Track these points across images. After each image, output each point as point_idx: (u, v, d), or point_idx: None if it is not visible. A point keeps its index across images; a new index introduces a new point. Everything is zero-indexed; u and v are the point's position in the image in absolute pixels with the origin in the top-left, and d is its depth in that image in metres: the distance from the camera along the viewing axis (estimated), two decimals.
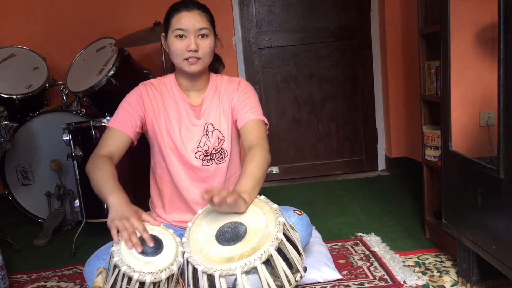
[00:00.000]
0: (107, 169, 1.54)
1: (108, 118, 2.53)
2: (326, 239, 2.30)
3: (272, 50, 3.61)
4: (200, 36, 1.63)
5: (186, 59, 1.63)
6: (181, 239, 1.41)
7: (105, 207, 2.43)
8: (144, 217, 1.42)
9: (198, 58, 1.64)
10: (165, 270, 1.30)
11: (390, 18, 3.44)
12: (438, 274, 1.90)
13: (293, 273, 1.33)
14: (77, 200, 2.58)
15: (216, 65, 1.82)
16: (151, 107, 1.70)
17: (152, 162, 1.80)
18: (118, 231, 1.36)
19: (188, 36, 1.62)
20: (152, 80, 1.77)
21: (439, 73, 1.89)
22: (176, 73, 1.75)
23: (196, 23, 1.61)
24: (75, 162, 2.50)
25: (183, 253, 1.36)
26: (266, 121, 1.73)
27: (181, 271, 1.37)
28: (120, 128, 1.64)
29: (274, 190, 3.42)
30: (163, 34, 1.70)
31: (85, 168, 1.61)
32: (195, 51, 1.62)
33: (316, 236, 2.21)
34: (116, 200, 1.43)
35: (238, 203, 1.37)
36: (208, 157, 1.73)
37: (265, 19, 3.58)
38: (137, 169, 1.98)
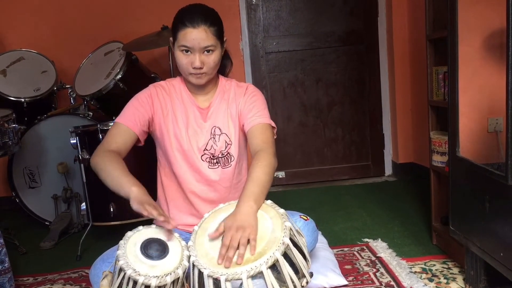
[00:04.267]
0: (121, 163, 1.55)
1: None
2: (332, 244, 2.29)
3: (279, 55, 3.61)
4: (205, 52, 1.62)
5: (191, 73, 1.64)
6: (186, 243, 1.41)
7: (111, 210, 2.44)
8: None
9: (203, 73, 1.64)
10: (171, 274, 1.30)
11: (397, 23, 3.44)
12: (445, 281, 1.89)
13: (299, 278, 1.32)
14: (84, 203, 2.58)
15: (224, 61, 1.80)
16: (160, 109, 1.71)
17: (159, 163, 1.81)
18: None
19: (193, 53, 1.61)
20: (162, 82, 1.77)
21: (446, 79, 1.88)
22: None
23: (201, 41, 1.59)
24: (82, 165, 2.50)
25: (189, 256, 1.36)
26: (273, 124, 1.72)
27: (187, 275, 1.37)
28: (128, 124, 1.65)
29: (280, 194, 3.41)
30: (171, 39, 1.71)
31: (90, 162, 1.60)
32: (200, 68, 1.62)
33: (322, 241, 2.20)
34: (139, 192, 1.44)
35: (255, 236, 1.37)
36: (215, 160, 1.73)
37: (272, 24, 3.59)
38: (144, 171, 1.98)
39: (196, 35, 1.59)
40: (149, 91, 1.73)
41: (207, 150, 1.72)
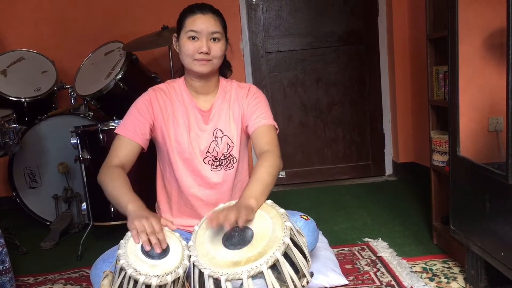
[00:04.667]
0: (122, 180, 1.54)
1: (116, 121, 2.55)
2: (332, 244, 2.29)
3: (280, 55, 3.61)
4: (212, 40, 1.64)
5: (197, 59, 1.64)
6: (187, 243, 1.41)
7: (112, 210, 2.44)
8: (162, 222, 1.42)
9: (209, 60, 1.64)
10: (171, 273, 1.30)
11: (397, 23, 3.44)
12: (446, 280, 1.89)
13: (299, 278, 1.32)
14: (84, 203, 2.58)
15: (225, 70, 1.82)
16: (160, 113, 1.70)
17: (161, 167, 1.80)
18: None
19: (201, 39, 1.63)
20: (161, 85, 1.76)
21: (447, 78, 1.88)
22: (185, 76, 1.75)
23: (209, 26, 1.63)
24: (82, 165, 2.51)
25: (189, 256, 1.36)
26: (276, 126, 1.72)
27: (187, 275, 1.37)
28: (129, 136, 1.64)
29: (281, 194, 3.41)
30: (175, 34, 1.71)
31: (97, 179, 1.59)
32: (207, 53, 1.63)
33: (322, 241, 2.20)
34: (136, 207, 1.44)
35: (249, 216, 1.37)
36: (217, 163, 1.72)
37: (272, 24, 3.59)
38: (144, 173, 1.98)
39: (205, 20, 1.63)
40: (148, 96, 1.72)
41: (209, 152, 1.71)
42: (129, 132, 1.64)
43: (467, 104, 1.71)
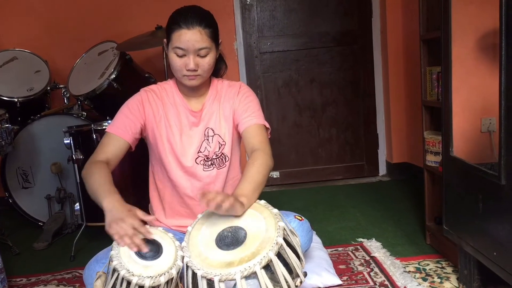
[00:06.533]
0: (102, 174, 1.52)
1: (109, 121, 2.53)
2: (326, 244, 2.29)
3: (274, 55, 3.62)
4: (200, 54, 1.60)
5: (185, 75, 1.62)
6: (180, 243, 1.41)
7: None
8: (138, 214, 1.40)
9: (197, 75, 1.62)
10: (164, 274, 1.29)
11: (391, 24, 3.45)
12: (439, 280, 1.90)
13: (293, 278, 1.32)
14: (77, 204, 2.57)
15: (218, 64, 1.79)
16: (152, 114, 1.70)
17: (153, 168, 1.80)
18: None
19: (188, 55, 1.59)
20: (153, 86, 1.76)
21: (440, 79, 1.89)
22: (176, 79, 1.75)
23: (195, 43, 1.57)
24: (75, 165, 2.49)
25: (183, 257, 1.35)
26: (267, 125, 1.72)
27: (181, 275, 1.36)
28: (118, 133, 1.63)
29: (275, 194, 3.41)
30: (165, 40, 1.69)
31: (81, 174, 1.59)
32: (194, 70, 1.60)
33: (316, 241, 2.20)
34: (110, 204, 1.42)
35: (235, 207, 1.36)
36: (209, 162, 1.72)
37: (266, 24, 3.59)
38: (138, 173, 1.97)
39: (191, 37, 1.57)
40: (139, 96, 1.71)
41: (201, 152, 1.71)
42: (119, 130, 1.64)
43: (460, 105, 1.72)
